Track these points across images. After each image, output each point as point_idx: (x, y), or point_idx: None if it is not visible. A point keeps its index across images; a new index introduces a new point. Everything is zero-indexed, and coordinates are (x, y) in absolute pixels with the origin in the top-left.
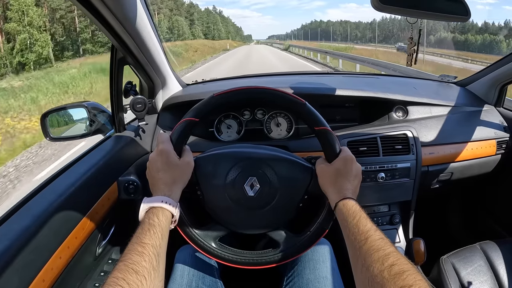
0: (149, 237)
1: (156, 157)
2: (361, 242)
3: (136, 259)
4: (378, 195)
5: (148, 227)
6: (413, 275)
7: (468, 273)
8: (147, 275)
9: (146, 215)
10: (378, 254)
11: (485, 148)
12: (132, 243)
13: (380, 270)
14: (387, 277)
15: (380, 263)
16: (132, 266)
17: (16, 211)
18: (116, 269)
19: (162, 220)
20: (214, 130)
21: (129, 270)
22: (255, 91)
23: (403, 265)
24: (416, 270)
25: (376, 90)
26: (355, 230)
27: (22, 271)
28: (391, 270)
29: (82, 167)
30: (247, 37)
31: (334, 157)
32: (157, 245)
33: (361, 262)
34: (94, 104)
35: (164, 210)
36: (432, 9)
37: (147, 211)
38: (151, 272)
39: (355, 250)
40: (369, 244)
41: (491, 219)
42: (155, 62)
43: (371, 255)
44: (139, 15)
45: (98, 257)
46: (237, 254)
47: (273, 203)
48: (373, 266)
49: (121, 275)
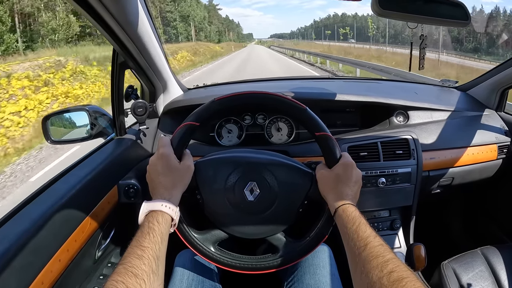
0: (148, 240)
1: (156, 161)
2: (360, 248)
3: (135, 262)
4: (378, 200)
5: (148, 230)
6: (412, 282)
7: (469, 279)
8: (146, 278)
9: (145, 218)
10: (377, 261)
11: (486, 153)
12: (132, 246)
13: (379, 277)
14: (386, 284)
15: (379, 269)
16: (131, 269)
17: (15, 213)
18: (116, 272)
19: (161, 223)
20: (214, 134)
21: (128, 273)
22: (256, 96)
23: (402, 272)
24: (416, 277)
25: (377, 95)
26: (355, 236)
27: (21, 273)
28: (390, 277)
29: (82, 170)
30: (247, 36)
31: (335, 163)
32: (156, 248)
33: (360, 268)
34: (95, 108)
35: (163, 214)
36: (433, 14)
37: (146, 214)
38: (150, 276)
39: (354, 256)
40: (368, 251)
41: (492, 224)
42: (156, 66)
43: (370, 261)
44: (140, 19)
45: (97, 261)
46: (236, 258)
47: (272, 208)
48: (372, 272)
49: (121, 278)
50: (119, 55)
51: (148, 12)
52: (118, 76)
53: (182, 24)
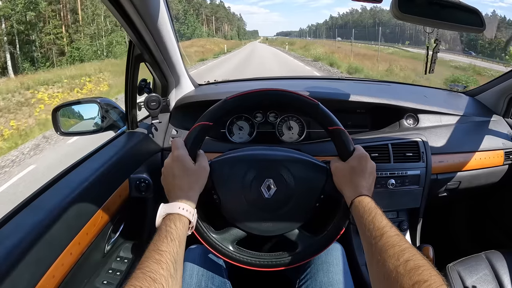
0: (166, 244)
1: (171, 163)
2: (376, 238)
3: (153, 267)
4: (387, 202)
5: (166, 234)
6: (428, 270)
7: (473, 282)
8: (164, 283)
9: (163, 222)
10: (393, 250)
11: (493, 158)
12: (149, 250)
13: (395, 266)
14: (402, 272)
15: (396, 258)
16: (149, 274)
17: (29, 203)
18: (134, 277)
19: (179, 227)
20: (226, 131)
21: (146, 278)
22: (268, 93)
23: (418, 261)
24: (431, 266)
25: (388, 97)
26: (371, 226)
27: (34, 266)
28: (406, 266)
29: (95, 163)
30: (252, 33)
31: (349, 156)
32: (174, 252)
33: (377, 257)
34: (106, 101)
35: (181, 217)
36: (450, 20)
37: (164, 217)
38: (169, 280)
39: (371, 246)
40: (385, 240)
41: (497, 229)
42: (171, 60)
43: (386, 250)
44: (161, 12)
45: (106, 254)
46: (255, 256)
47: (289, 204)
48: (388, 261)
49: (139, 283)
50: (135, 47)
51: (167, 6)
52: (133, 69)
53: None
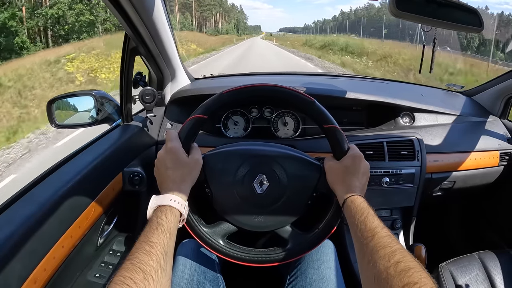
0: (157, 236)
1: (164, 155)
2: (368, 239)
3: (143, 258)
4: (381, 200)
5: (156, 226)
6: (418, 272)
7: (466, 281)
8: (154, 274)
9: (154, 213)
10: (384, 251)
11: (488, 159)
12: (140, 241)
13: (386, 267)
14: (393, 274)
15: (386, 259)
16: (139, 265)
17: (21, 196)
18: (123, 268)
19: (170, 219)
20: (221, 125)
21: (136, 269)
22: (264, 89)
23: (409, 262)
24: (422, 268)
25: (384, 95)
26: (363, 226)
27: (26, 258)
28: (397, 267)
29: (89, 156)
30: (255, 28)
31: (343, 155)
32: (165, 244)
33: (368, 258)
34: (102, 93)
35: (172, 209)
36: (448, 19)
37: (155, 209)
38: (158, 272)
39: (362, 246)
40: (376, 241)
41: (490, 229)
42: (167, 54)
43: (377, 251)
44: (156, 5)
45: (99, 248)
46: (245, 251)
47: (281, 200)
48: (379, 262)
49: (128, 274)
50: (131, 40)
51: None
52: (128, 62)
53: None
